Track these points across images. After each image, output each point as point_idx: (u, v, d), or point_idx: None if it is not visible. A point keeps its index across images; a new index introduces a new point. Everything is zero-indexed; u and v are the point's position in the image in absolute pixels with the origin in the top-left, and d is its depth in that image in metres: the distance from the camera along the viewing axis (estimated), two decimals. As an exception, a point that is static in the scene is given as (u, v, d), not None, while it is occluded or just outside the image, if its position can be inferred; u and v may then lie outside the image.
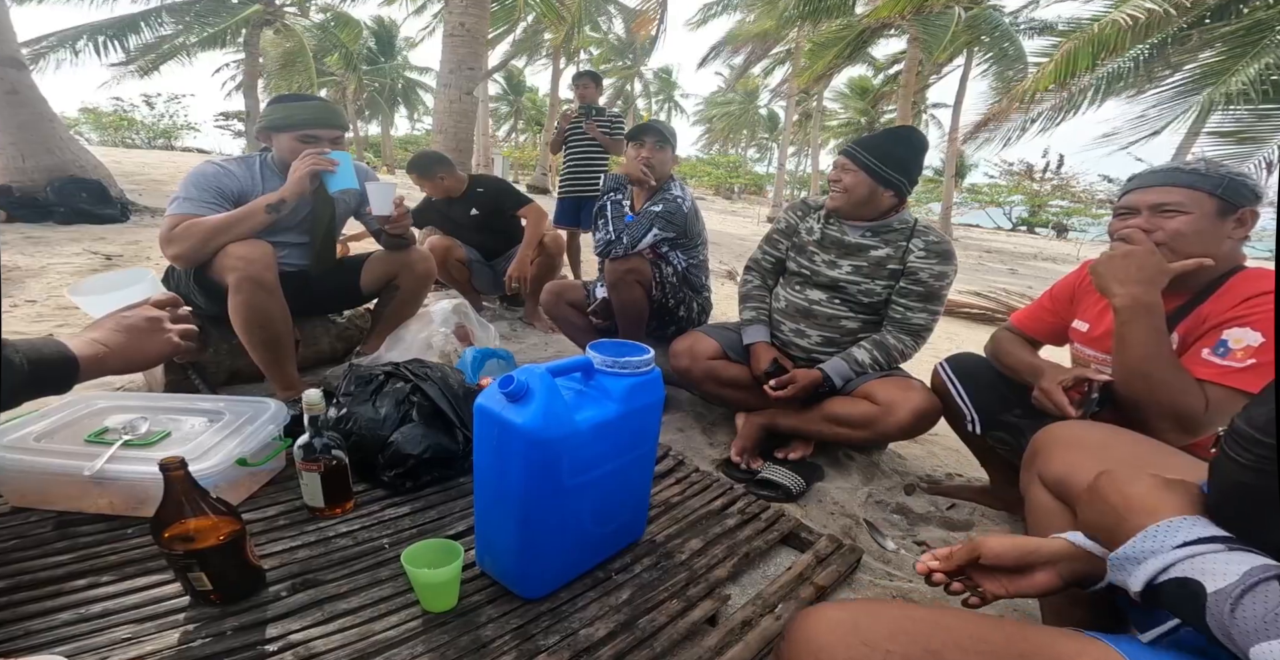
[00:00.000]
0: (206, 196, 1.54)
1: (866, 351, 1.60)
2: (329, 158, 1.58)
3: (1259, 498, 0.49)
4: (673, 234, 1.91)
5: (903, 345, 1.60)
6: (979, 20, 11.08)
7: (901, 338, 1.60)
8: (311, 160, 1.56)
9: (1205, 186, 1.01)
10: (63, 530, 1.03)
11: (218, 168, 1.61)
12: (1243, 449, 0.49)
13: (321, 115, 1.66)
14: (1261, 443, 0.48)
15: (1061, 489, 0.95)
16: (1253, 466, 0.49)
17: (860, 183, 1.55)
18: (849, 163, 1.57)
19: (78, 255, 3.57)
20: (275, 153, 1.69)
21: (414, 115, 30.64)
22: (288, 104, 1.67)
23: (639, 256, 1.89)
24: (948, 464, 1.92)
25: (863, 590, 1.17)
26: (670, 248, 1.98)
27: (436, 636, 0.87)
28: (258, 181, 1.66)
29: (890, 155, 1.53)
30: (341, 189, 1.63)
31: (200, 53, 11.43)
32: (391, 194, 1.68)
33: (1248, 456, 0.49)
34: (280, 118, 1.64)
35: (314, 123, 1.64)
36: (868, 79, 22.55)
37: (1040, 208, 29.16)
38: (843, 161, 1.59)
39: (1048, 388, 1.15)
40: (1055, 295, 1.39)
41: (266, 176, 1.67)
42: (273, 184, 1.65)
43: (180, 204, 1.52)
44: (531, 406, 0.84)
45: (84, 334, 0.86)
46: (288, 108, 1.66)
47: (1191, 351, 1.03)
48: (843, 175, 1.58)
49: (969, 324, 4.81)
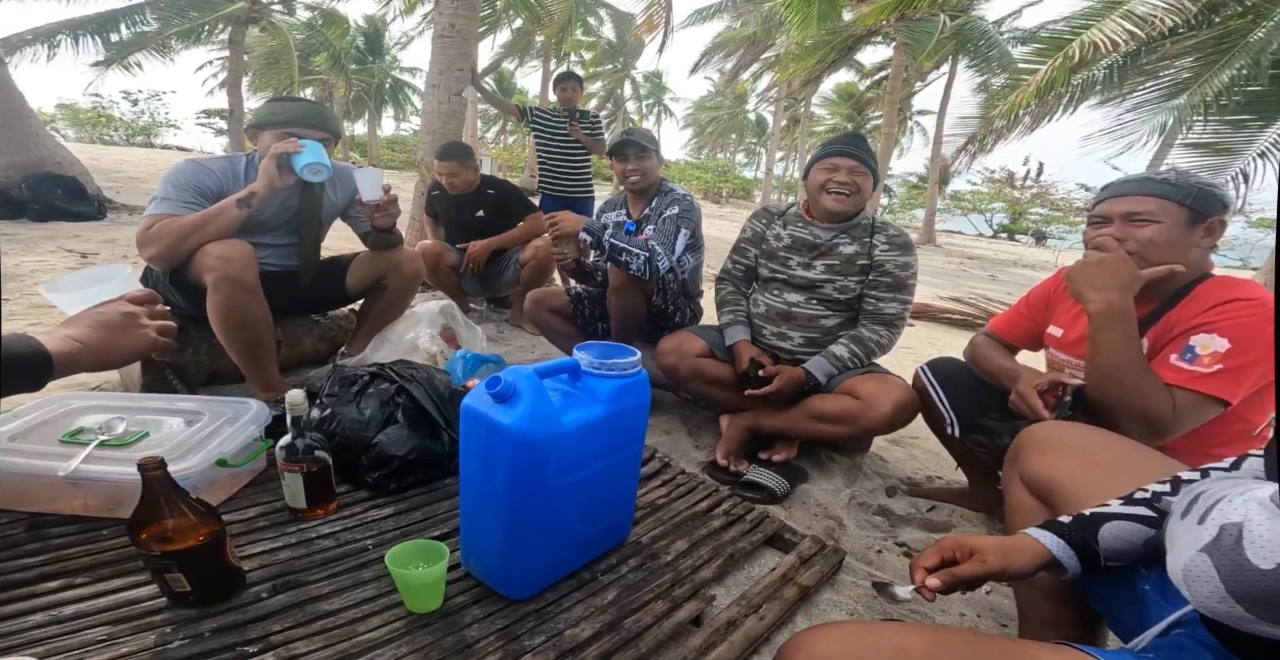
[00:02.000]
0: (185, 196, 1.52)
1: (844, 346, 1.63)
2: (293, 141, 1.55)
3: None
4: (692, 230, 1.94)
5: (878, 336, 1.63)
6: (964, 28, 11.29)
7: (876, 329, 1.64)
8: (276, 146, 1.53)
9: (1176, 196, 1.05)
10: (34, 532, 1.01)
11: (197, 165, 1.59)
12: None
13: (309, 115, 1.64)
14: None
15: (1042, 488, 0.97)
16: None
17: (868, 185, 1.64)
18: (860, 166, 1.61)
19: (52, 253, 3.49)
20: (261, 148, 1.66)
21: (401, 115, 30.40)
22: (279, 103, 1.67)
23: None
24: (928, 467, 1.95)
25: (845, 590, 1.18)
26: (683, 253, 1.99)
27: (421, 637, 0.87)
28: (240, 179, 1.63)
29: (871, 156, 1.64)
30: (308, 164, 1.55)
31: (183, 50, 11.28)
32: (380, 179, 1.66)
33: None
34: (266, 115, 1.63)
35: (299, 121, 1.62)
36: (854, 85, 22.83)
37: (1021, 215, 29.71)
38: (853, 164, 1.61)
39: (1023, 391, 1.18)
40: (1031, 301, 1.42)
41: (250, 175, 1.65)
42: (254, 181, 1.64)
43: (158, 204, 1.50)
44: (518, 407, 0.84)
45: (58, 330, 0.85)
46: (276, 106, 1.65)
47: (1160, 357, 1.06)
48: (856, 178, 1.61)
49: (949, 329, 4.88)
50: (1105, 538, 0.67)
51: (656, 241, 1.83)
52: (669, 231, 1.88)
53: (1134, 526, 0.67)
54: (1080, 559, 0.68)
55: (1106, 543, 0.67)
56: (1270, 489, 0.45)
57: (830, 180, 1.63)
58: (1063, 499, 0.93)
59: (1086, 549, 0.68)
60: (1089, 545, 0.68)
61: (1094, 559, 0.67)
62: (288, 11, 12.96)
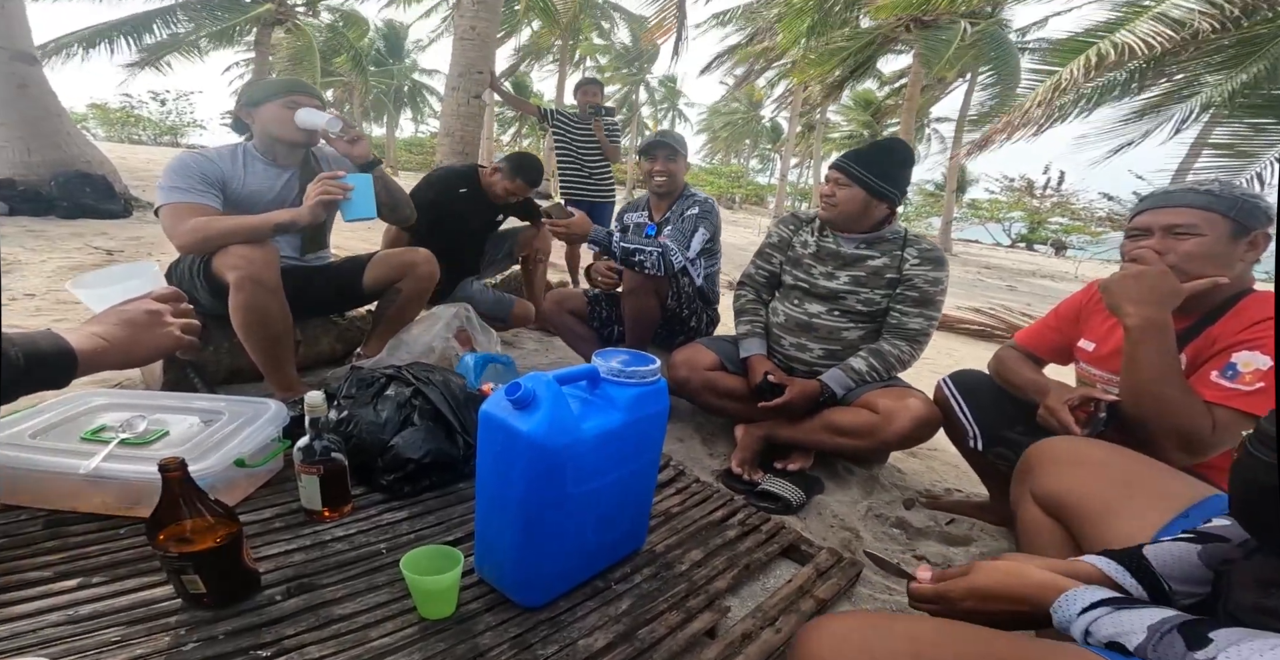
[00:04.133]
0: (195, 183, 1.54)
1: (863, 360, 1.60)
2: (343, 183, 1.54)
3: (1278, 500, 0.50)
4: (710, 233, 1.93)
5: (899, 352, 1.59)
6: (984, 37, 11.17)
7: (898, 344, 1.60)
8: (324, 187, 1.53)
9: (1219, 208, 1.01)
10: (53, 529, 1.01)
11: (199, 155, 1.61)
12: (1268, 450, 0.50)
13: (298, 84, 1.70)
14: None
15: (1053, 504, 0.95)
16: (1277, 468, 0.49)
17: (854, 197, 1.58)
18: (842, 176, 1.58)
19: (78, 250, 3.55)
20: (258, 127, 1.69)
21: (419, 118, 30.77)
22: (261, 82, 1.73)
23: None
24: (947, 479, 1.91)
25: (862, 604, 1.16)
26: (700, 254, 1.98)
27: (433, 644, 0.86)
28: (239, 169, 1.66)
29: (882, 168, 1.56)
30: (357, 218, 1.59)
31: (211, 51, 11.52)
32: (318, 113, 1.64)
33: (1272, 457, 0.50)
34: (257, 91, 1.67)
35: (293, 90, 1.67)
36: (871, 92, 22.72)
37: (1040, 224, 29.27)
38: (835, 175, 1.60)
39: (1054, 406, 1.15)
40: (1061, 314, 1.39)
41: (249, 163, 1.68)
42: (254, 169, 1.67)
43: (170, 193, 1.51)
44: (538, 414, 0.83)
45: (83, 328, 0.85)
46: (263, 83, 1.71)
47: (1200, 373, 1.03)
48: (836, 189, 1.59)
49: (968, 340, 4.81)
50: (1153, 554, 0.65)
51: (671, 238, 1.82)
52: (686, 230, 1.87)
53: (1177, 544, 0.65)
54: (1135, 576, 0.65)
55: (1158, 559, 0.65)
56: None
57: (824, 191, 1.65)
58: (1075, 514, 0.90)
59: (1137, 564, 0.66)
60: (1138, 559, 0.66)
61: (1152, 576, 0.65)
62: (312, 13, 13.19)
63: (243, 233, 1.50)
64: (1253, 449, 0.52)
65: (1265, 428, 0.51)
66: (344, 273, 1.87)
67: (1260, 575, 0.57)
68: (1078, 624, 0.56)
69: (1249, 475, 0.53)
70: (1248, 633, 0.47)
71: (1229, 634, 0.47)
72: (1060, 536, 0.95)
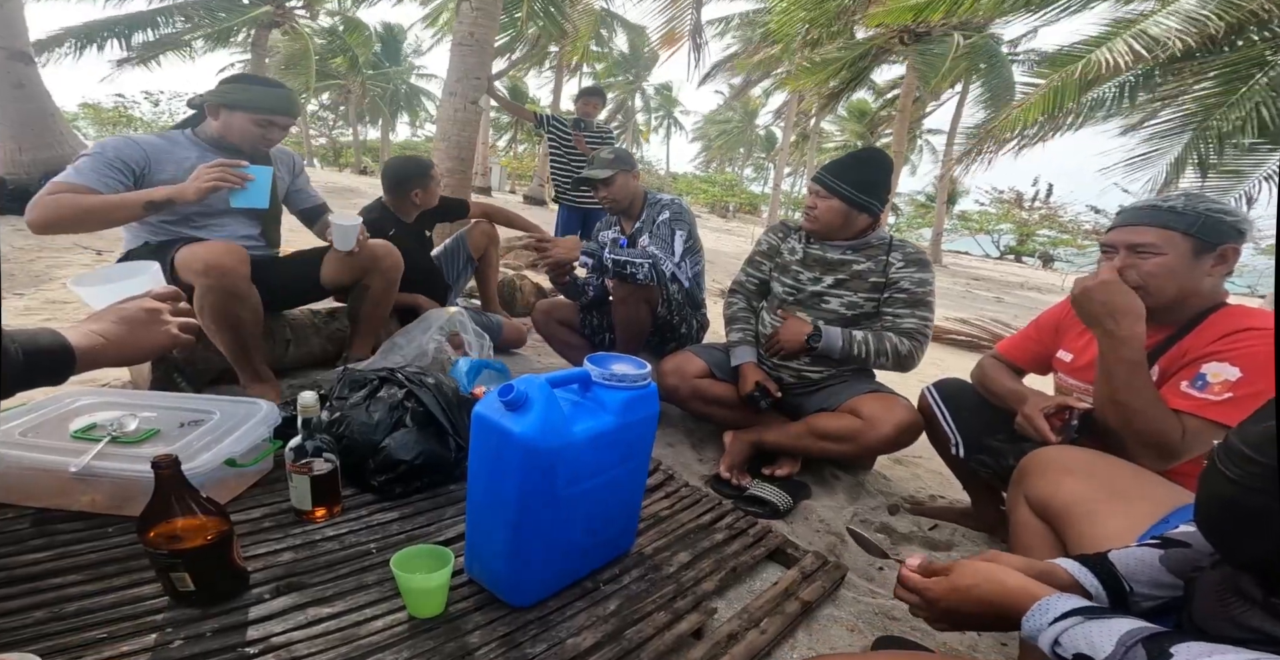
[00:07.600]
0: (102, 170, 1.45)
1: (862, 331, 1.62)
2: (243, 172, 1.47)
3: (1240, 512, 0.52)
4: (687, 231, 1.97)
5: (897, 343, 1.59)
6: (977, 49, 11.35)
7: (897, 337, 1.61)
8: (220, 172, 1.44)
9: (1179, 226, 1.03)
10: (40, 527, 1.01)
11: (127, 139, 1.54)
12: (1233, 463, 0.51)
13: (286, 104, 1.64)
14: (1253, 459, 0.49)
15: (1046, 510, 0.98)
16: (1240, 481, 0.50)
17: (833, 209, 1.61)
18: (821, 189, 1.62)
19: (67, 249, 3.53)
20: (219, 129, 1.62)
21: (414, 121, 30.77)
22: (251, 85, 1.62)
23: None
24: (931, 486, 1.94)
25: (846, 606, 1.17)
26: (683, 256, 2.00)
27: (422, 642, 0.87)
28: (173, 153, 1.58)
29: (860, 180, 1.59)
30: (245, 207, 1.52)
31: (205, 51, 11.47)
32: (355, 233, 1.66)
33: (1236, 471, 0.51)
34: (241, 96, 1.59)
35: (278, 110, 1.61)
36: (866, 102, 22.98)
37: (1028, 237, 29.67)
38: (815, 188, 1.64)
39: (1030, 414, 1.18)
40: (1041, 325, 1.42)
41: (186, 148, 1.61)
42: (189, 155, 1.59)
43: (71, 172, 1.44)
44: (530, 415, 0.85)
45: (82, 325, 0.86)
46: (251, 89, 1.60)
47: (1170, 383, 1.06)
48: (817, 201, 1.63)
49: (955, 350, 4.88)
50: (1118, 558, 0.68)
51: (655, 247, 1.85)
52: (665, 236, 1.91)
53: (1143, 549, 0.68)
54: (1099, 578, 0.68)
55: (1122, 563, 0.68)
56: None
57: (807, 203, 1.69)
58: (1067, 520, 0.93)
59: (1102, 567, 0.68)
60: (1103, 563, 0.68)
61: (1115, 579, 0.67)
62: (310, 15, 13.19)
63: (103, 211, 1.40)
64: (1218, 462, 0.53)
65: (1232, 441, 0.53)
66: (299, 265, 1.83)
67: (1221, 585, 0.58)
68: (1047, 633, 0.58)
69: (1213, 489, 0.54)
70: (1208, 647, 0.49)
71: (1189, 648, 0.49)
72: (1049, 539, 0.98)
